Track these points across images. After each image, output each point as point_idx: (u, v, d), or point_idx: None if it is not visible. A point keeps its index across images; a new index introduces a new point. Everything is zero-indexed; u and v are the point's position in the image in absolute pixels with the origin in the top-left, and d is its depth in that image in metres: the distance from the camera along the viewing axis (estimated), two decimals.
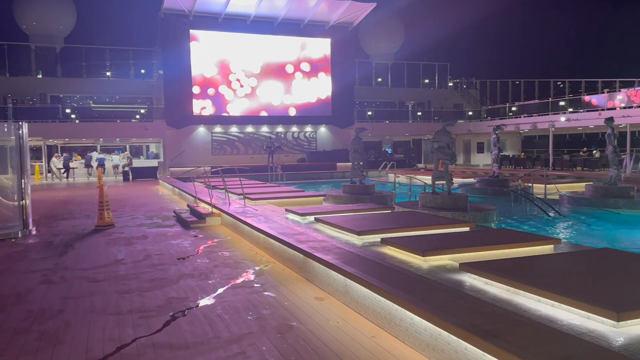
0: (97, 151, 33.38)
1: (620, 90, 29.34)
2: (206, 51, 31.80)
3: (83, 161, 30.92)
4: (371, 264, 5.41)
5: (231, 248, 8.33)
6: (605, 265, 5.12)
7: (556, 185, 15.68)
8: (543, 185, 15.71)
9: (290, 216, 9.51)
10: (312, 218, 9.00)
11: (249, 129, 33.61)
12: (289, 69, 33.61)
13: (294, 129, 34.79)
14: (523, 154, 37.80)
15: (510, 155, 34.65)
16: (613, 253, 5.78)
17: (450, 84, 42.59)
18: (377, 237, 6.96)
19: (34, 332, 4.57)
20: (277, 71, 33.32)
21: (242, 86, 32.65)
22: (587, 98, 31.61)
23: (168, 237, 9.55)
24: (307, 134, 35.22)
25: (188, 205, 13.09)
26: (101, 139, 33.32)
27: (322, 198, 13.22)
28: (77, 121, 31.42)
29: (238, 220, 9.48)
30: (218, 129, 32.89)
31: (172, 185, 19.52)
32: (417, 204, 11.48)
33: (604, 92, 31.14)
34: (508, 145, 38.37)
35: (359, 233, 7.08)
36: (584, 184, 15.18)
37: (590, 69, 50.56)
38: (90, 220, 11.96)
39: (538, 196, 14.20)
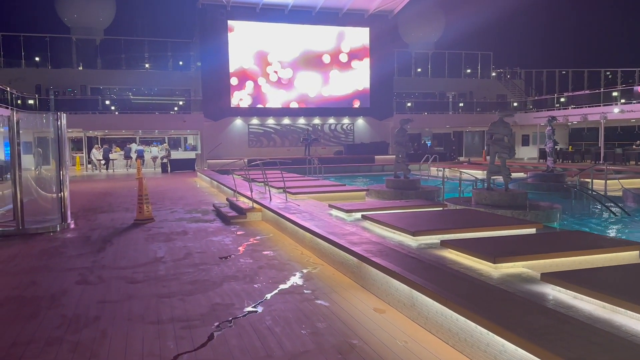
0: (136, 143, 33.63)
1: None
2: (244, 42, 31.46)
3: (122, 153, 31.21)
4: (439, 273, 4.76)
5: (275, 247, 7.83)
6: None
7: (620, 180, 14.53)
8: (601, 181, 14.62)
9: (335, 212, 8.95)
10: (358, 215, 8.41)
11: (286, 120, 33.18)
12: (326, 59, 32.93)
13: (331, 120, 34.16)
14: (571, 147, 36.10)
15: (558, 149, 33.06)
16: None
17: (494, 74, 40.96)
18: (434, 239, 6.32)
19: (68, 342, 4.14)
20: (314, 62, 32.71)
21: (279, 77, 32.21)
22: (639, 88, 29.85)
23: (208, 233, 9.13)
24: (344, 126, 34.53)
25: (228, 200, 12.69)
26: (140, 131, 33.54)
27: (364, 193, 12.60)
28: (116, 113, 31.68)
29: (281, 217, 8.97)
30: (255, 121, 32.60)
31: (210, 177, 19.25)
32: (470, 200, 10.73)
33: None
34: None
35: (414, 233, 6.44)
36: None
37: None
38: (129, 213, 11.70)
39: (599, 192, 13.16)
